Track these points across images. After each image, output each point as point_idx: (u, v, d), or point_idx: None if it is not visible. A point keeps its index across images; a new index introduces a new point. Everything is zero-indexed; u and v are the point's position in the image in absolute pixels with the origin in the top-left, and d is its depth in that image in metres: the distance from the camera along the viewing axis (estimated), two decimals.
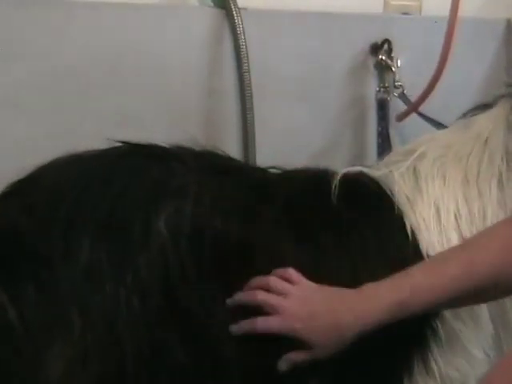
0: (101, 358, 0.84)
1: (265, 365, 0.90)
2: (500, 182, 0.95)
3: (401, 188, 0.96)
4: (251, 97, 1.20)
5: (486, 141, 0.96)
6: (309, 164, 1.02)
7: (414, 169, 0.98)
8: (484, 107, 1.00)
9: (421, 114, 1.24)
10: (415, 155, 0.99)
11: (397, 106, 1.31)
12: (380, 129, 1.32)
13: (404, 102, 1.28)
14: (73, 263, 0.84)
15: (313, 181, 0.98)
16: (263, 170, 1.01)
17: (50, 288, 0.84)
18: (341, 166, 1.00)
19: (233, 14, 1.18)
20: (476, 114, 1.00)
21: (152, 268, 0.86)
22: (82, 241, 0.84)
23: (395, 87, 1.30)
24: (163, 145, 0.96)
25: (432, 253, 0.92)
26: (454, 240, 0.93)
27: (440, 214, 0.95)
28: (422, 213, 0.95)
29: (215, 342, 0.88)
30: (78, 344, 0.83)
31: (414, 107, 1.24)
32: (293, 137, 1.25)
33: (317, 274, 0.91)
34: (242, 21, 1.17)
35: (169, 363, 0.87)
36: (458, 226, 0.94)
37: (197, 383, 0.89)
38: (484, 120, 0.98)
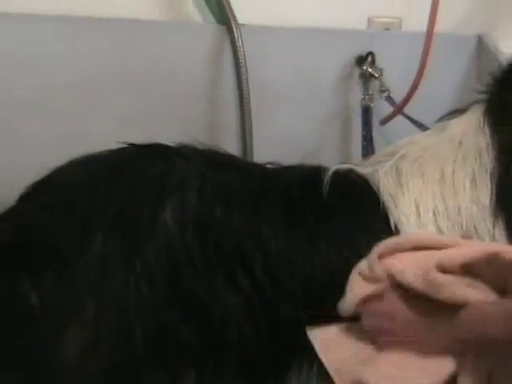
0: (112, 340, 0.84)
1: (267, 341, 0.88)
2: (473, 180, 0.94)
3: (385, 185, 0.95)
4: (249, 105, 1.21)
5: (460, 143, 0.95)
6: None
7: (397, 168, 0.97)
8: (458, 112, 0.99)
9: (405, 116, 1.24)
10: (397, 156, 0.98)
11: (379, 112, 1.33)
12: (364, 133, 1.31)
13: (390, 104, 1.28)
14: (87, 255, 0.84)
15: (307, 176, 0.97)
16: (262, 166, 1.00)
17: (67, 277, 0.84)
18: (330, 166, 0.99)
19: (233, 30, 1.19)
20: (451, 119, 0.99)
21: (159, 256, 0.86)
22: (95, 235, 0.85)
23: (381, 91, 1.30)
24: (168, 144, 0.96)
25: None
26: None
27: (419, 209, 0.93)
28: (404, 208, 0.93)
29: (220, 324, 0.87)
30: (92, 327, 0.83)
31: (398, 109, 1.25)
32: (287, 140, 1.26)
33: (309, 259, 0.90)
34: (241, 36, 1.19)
35: (175, 343, 0.86)
36: (436, 221, 0.93)
37: (202, 361, 0.88)
38: (457, 124, 0.97)
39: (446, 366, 0.78)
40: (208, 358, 0.87)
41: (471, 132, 0.96)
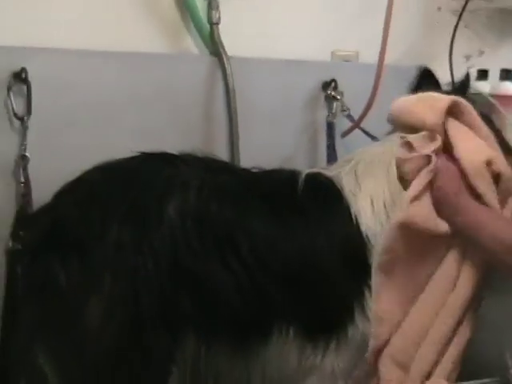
0: (124, 309, 0.91)
1: (253, 310, 0.97)
2: None
3: (347, 185, 1.04)
4: (237, 121, 1.30)
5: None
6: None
7: (355, 171, 1.06)
8: None
9: (362, 130, 1.33)
10: (354, 161, 1.07)
11: (341, 127, 1.41)
12: (329, 143, 1.39)
13: (350, 121, 1.37)
14: (105, 241, 0.92)
15: (285, 178, 1.05)
16: (248, 170, 1.08)
17: (88, 259, 0.92)
18: (303, 170, 1.08)
19: (223, 61, 1.28)
20: (395, 132, 1.05)
21: (164, 242, 0.93)
22: (112, 225, 0.93)
23: (342, 110, 1.38)
24: (173, 152, 1.03)
25: (369, 232, 1.00)
26: (384, 221, 1.00)
27: (373, 203, 1.02)
28: (361, 202, 1.02)
29: (213, 296, 0.96)
30: (108, 299, 0.91)
31: (356, 124, 1.35)
32: (267, 149, 1.33)
33: (284, 244, 0.98)
34: (230, 66, 1.28)
35: (176, 312, 0.94)
36: (386, 212, 1.01)
37: (199, 326, 0.96)
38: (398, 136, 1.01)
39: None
40: (204, 323, 0.96)
41: None
